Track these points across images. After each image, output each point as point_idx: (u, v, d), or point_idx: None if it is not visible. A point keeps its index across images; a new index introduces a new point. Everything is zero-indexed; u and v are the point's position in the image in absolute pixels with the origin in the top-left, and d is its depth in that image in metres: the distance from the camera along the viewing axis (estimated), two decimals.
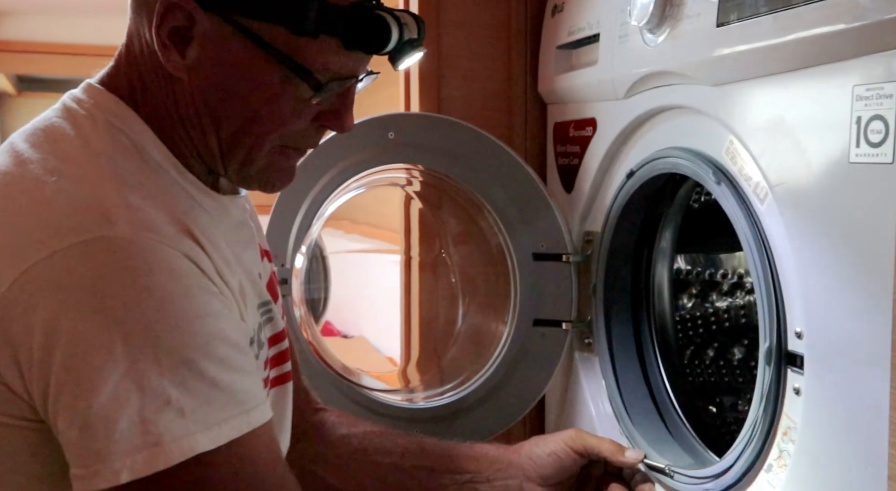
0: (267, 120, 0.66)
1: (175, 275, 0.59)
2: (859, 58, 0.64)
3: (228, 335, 0.61)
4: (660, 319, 1.12)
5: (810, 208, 0.71)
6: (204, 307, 0.60)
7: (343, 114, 0.69)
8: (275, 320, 0.76)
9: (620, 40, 0.98)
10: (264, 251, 0.81)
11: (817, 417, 0.72)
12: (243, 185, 0.72)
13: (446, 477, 0.91)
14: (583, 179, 1.11)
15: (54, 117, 0.65)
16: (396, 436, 0.93)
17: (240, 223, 0.74)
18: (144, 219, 0.59)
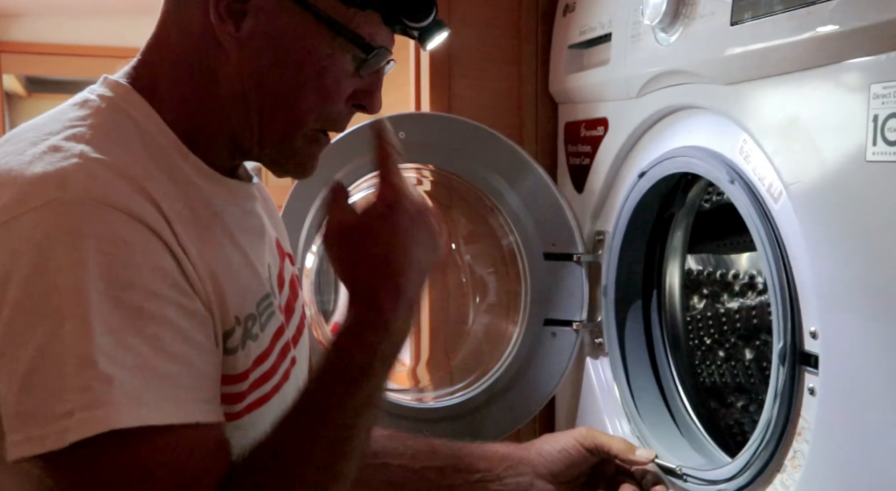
0: (312, 93, 0.65)
1: (119, 241, 0.56)
2: (876, 55, 0.64)
3: (168, 317, 0.58)
4: (671, 320, 1.12)
5: (826, 207, 0.71)
6: (145, 280, 0.57)
7: (375, 93, 0.69)
8: (276, 315, 0.73)
9: (633, 39, 0.98)
10: (287, 253, 0.80)
11: (832, 418, 0.72)
12: (276, 168, 0.70)
13: (457, 477, 0.90)
14: (594, 179, 1.11)
15: (67, 104, 0.66)
16: (406, 438, 0.93)
17: (247, 211, 0.73)
18: (100, 186, 0.57)
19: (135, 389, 0.55)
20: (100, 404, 0.53)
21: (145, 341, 0.56)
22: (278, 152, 0.68)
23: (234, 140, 0.68)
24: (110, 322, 0.55)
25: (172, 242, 0.59)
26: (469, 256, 1.25)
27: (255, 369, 0.68)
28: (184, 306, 0.59)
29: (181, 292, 0.59)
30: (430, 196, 1.24)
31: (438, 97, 1.20)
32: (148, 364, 0.56)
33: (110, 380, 0.54)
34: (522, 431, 1.18)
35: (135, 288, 0.56)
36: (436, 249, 0.68)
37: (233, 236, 0.68)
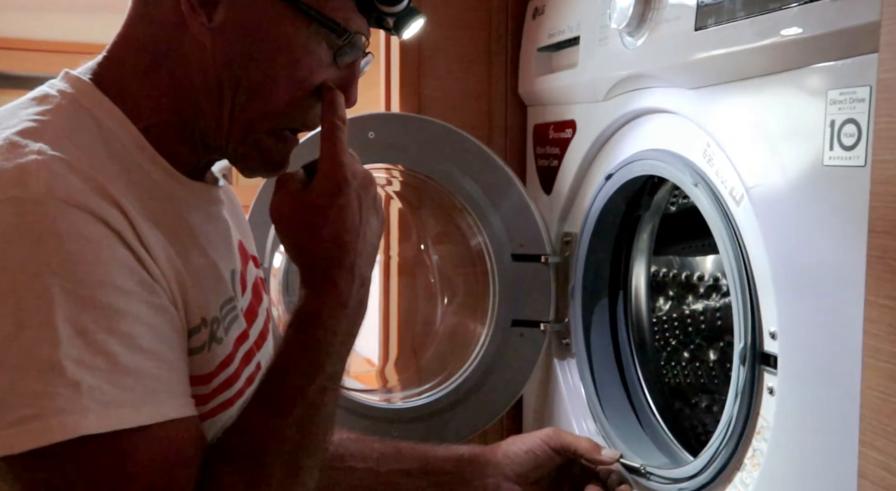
0: (285, 84, 0.64)
1: (83, 240, 0.55)
2: (833, 62, 0.66)
3: (139, 312, 0.56)
4: (637, 321, 1.13)
5: (785, 210, 0.72)
6: (112, 278, 0.55)
7: (351, 86, 0.68)
8: (239, 320, 0.73)
9: (600, 43, 0.99)
10: (251, 256, 0.79)
11: (790, 416, 0.73)
12: (243, 165, 0.69)
13: (423, 480, 0.91)
14: (562, 181, 1.12)
15: (26, 98, 0.65)
16: (372, 441, 0.93)
17: (212, 214, 0.72)
18: (60, 183, 0.56)
19: (107, 391, 0.53)
20: (70, 410, 0.52)
21: (119, 340, 0.55)
22: (245, 146, 0.67)
23: (203, 136, 0.67)
24: (80, 323, 0.53)
25: (135, 242, 0.58)
26: (437, 257, 1.25)
27: (219, 373, 0.68)
28: (152, 303, 0.58)
29: (149, 289, 0.58)
30: (399, 196, 1.24)
31: (408, 97, 1.20)
32: (122, 363, 0.54)
33: (78, 385, 0.52)
34: (490, 432, 1.19)
35: (104, 286, 0.55)
36: (382, 223, 0.69)
37: (196, 239, 0.67)
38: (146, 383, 0.56)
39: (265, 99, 0.65)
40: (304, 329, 0.63)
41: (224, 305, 0.69)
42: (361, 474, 0.90)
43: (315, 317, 0.63)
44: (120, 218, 0.58)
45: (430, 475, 0.91)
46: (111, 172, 0.60)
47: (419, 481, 0.91)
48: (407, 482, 0.91)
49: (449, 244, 1.23)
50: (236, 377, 0.70)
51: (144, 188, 0.63)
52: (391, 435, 1.10)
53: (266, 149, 0.68)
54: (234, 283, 0.73)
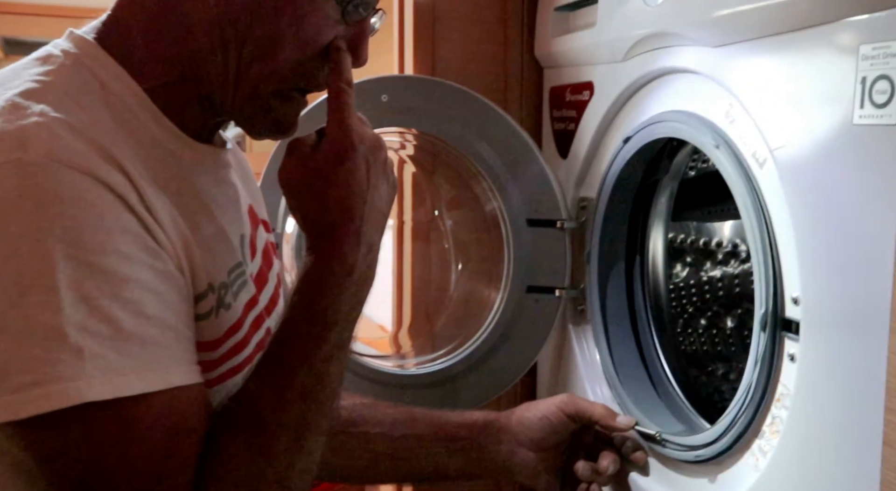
0: (293, 41, 0.62)
1: (86, 205, 0.54)
2: (865, 15, 0.63)
3: (144, 279, 0.56)
4: (653, 287, 1.11)
5: (811, 172, 0.70)
6: (116, 244, 0.54)
7: (360, 44, 0.66)
8: (248, 285, 0.71)
9: (620, 1, 0.96)
10: (262, 220, 0.78)
11: (812, 384, 0.72)
12: (250, 126, 0.67)
13: (437, 445, 0.90)
14: (578, 145, 1.10)
15: (30, 58, 0.63)
16: (385, 406, 0.92)
17: (220, 178, 0.70)
18: (62, 146, 0.54)
19: (111, 358, 0.53)
20: (72, 377, 0.51)
21: (123, 306, 0.54)
22: (252, 107, 0.65)
23: (210, 97, 0.66)
24: (83, 289, 0.52)
25: (139, 207, 0.57)
26: (452, 222, 1.24)
27: (227, 339, 0.67)
28: (157, 269, 0.57)
29: (153, 255, 0.57)
30: (412, 160, 1.22)
31: (422, 60, 1.18)
32: (126, 330, 0.54)
33: (81, 352, 0.52)
34: (504, 398, 1.18)
35: (107, 252, 0.54)
36: (394, 188, 0.68)
37: (203, 203, 0.65)
38: (150, 350, 0.55)
39: (271, 58, 0.63)
40: (309, 296, 0.62)
41: (232, 271, 0.68)
42: (374, 439, 0.90)
43: (320, 283, 0.62)
44: (124, 182, 0.57)
45: (443, 441, 0.90)
46: (115, 135, 0.59)
47: (433, 447, 0.90)
48: (420, 447, 0.90)
49: (463, 209, 1.22)
50: (245, 343, 0.69)
51: (150, 151, 0.61)
52: (404, 401, 1.10)
53: (273, 110, 0.66)
54: (243, 248, 0.71)
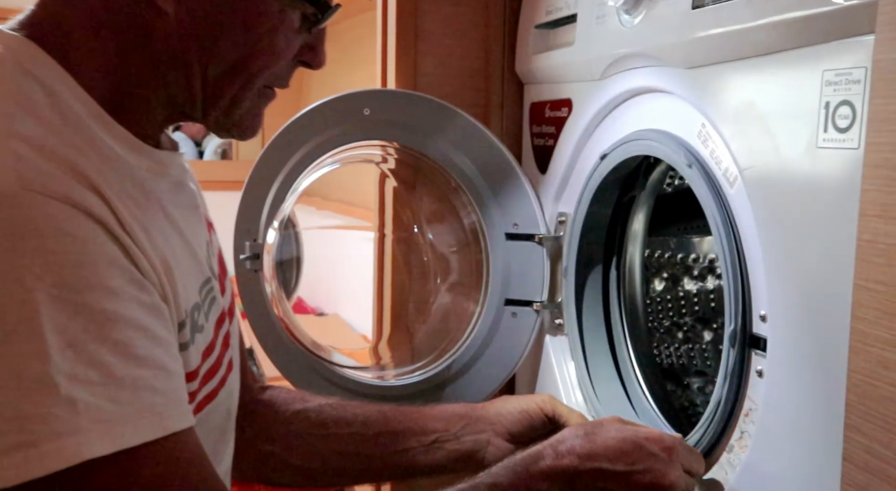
0: (263, 54, 0.61)
1: (67, 237, 0.49)
2: (829, 43, 0.65)
3: (132, 317, 0.51)
4: (630, 302, 1.13)
5: (777, 192, 0.72)
6: (102, 279, 0.50)
7: (319, 47, 0.67)
8: (218, 300, 0.68)
9: (597, 20, 0.98)
10: (209, 222, 0.75)
11: (778, 399, 0.73)
12: (220, 132, 0.66)
13: (412, 439, 0.88)
14: (557, 160, 1.11)
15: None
16: (354, 406, 0.91)
17: (179, 184, 0.67)
18: (33, 171, 0.49)
19: (105, 408, 0.49)
20: (68, 433, 0.47)
21: (112, 348, 0.50)
22: (226, 116, 0.64)
23: (173, 104, 0.63)
24: (69, 333, 0.48)
25: (118, 231, 0.53)
26: (432, 235, 1.25)
27: (203, 365, 0.64)
28: (144, 303, 0.53)
29: (139, 287, 0.53)
30: (393, 174, 1.23)
31: (404, 74, 1.19)
32: (117, 375, 0.50)
33: (74, 404, 0.47)
34: None
35: (93, 289, 0.49)
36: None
37: (169, 215, 0.62)
38: (144, 395, 0.51)
39: (242, 72, 0.61)
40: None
41: (203, 287, 0.65)
42: (347, 440, 0.88)
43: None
44: (100, 204, 0.52)
45: (418, 435, 0.89)
46: (77, 149, 0.54)
47: (408, 442, 0.88)
48: (395, 444, 0.88)
49: (443, 222, 1.23)
50: (218, 365, 0.67)
51: (111, 164, 0.56)
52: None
53: (245, 112, 0.65)
54: (210, 259, 0.69)
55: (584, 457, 0.71)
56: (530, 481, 0.70)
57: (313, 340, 1.17)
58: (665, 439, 0.74)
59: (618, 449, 0.72)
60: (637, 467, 0.71)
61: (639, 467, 0.71)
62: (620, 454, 0.72)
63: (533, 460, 0.72)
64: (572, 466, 0.71)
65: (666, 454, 0.73)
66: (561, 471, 0.71)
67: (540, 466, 0.71)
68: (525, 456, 0.73)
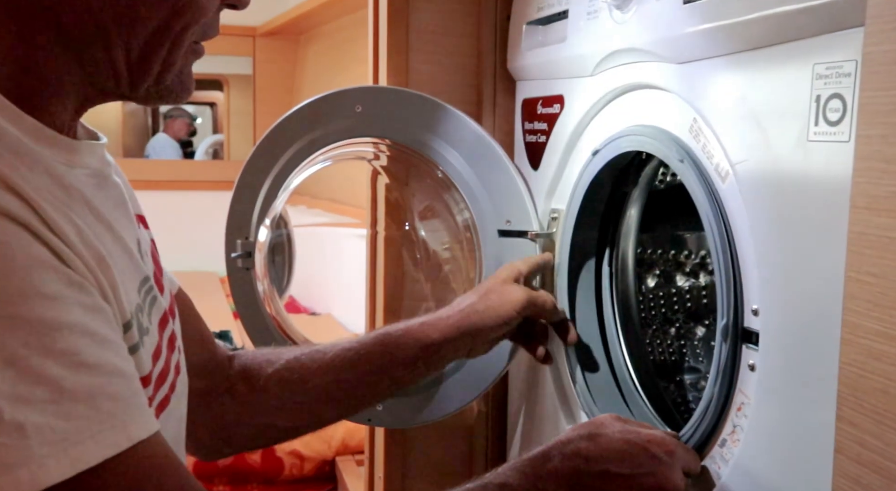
0: (187, 10, 0.56)
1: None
2: (820, 36, 0.65)
3: (76, 321, 0.47)
4: (623, 298, 1.13)
5: (769, 186, 0.72)
6: (35, 285, 0.45)
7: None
8: (158, 300, 0.64)
9: (589, 17, 0.98)
10: (139, 217, 0.70)
11: (770, 393, 0.73)
12: (150, 101, 0.61)
13: (397, 369, 0.91)
14: (550, 157, 1.11)
15: None
16: (323, 353, 0.90)
17: (101, 175, 0.61)
18: None
19: (58, 428, 0.44)
20: (19, 462, 0.42)
21: (58, 360, 0.45)
22: (158, 83, 0.59)
23: (91, 84, 0.57)
24: (7, 350, 0.43)
25: (45, 232, 0.48)
26: (424, 232, 1.25)
27: (153, 370, 0.60)
28: (85, 305, 0.49)
29: (78, 289, 0.49)
30: (385, 171, 1.23)
31: (396, 71, 1.19)
32: (68, 388, 0.45)
33: (23, 428, 0.43)
34: (476, 405, 1.19)
35: (27, 297, 0.45)
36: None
37: (95, 210, 0.56)
38: (101, 405, 0.46)
39: (168, 32, 0.56)
40: None
41: (141, 286, 0.61)
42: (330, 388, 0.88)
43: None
44: (19, 205, 0.47)
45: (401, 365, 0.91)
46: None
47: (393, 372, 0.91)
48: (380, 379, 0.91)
49: (436, 219, 1.23)
50: (167, 370, 0.63)
51: (25, 160, 0.50)
52: (376, 409, 1.10)
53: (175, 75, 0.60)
54: (141, 256, 0.65)
55: (591, 459, 0.73)
56: (538, 482, 0.71)
57: (305, 338, 1.17)
58: (667, 442, 0.76)
59: (623, 452, 0.74)
60: (642, 470, 0.74)
61: (643, 470, 0.74)
62: (626, 457, 0.74)
63: (540, 462, 0.73)
64: (579, 468, 0.73)
65: (668, 457, 0.75)
66: (568, 473, 0.72)
67: (547, 468, 0.73)
68: (533, 457, 0.74)
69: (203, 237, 2.75)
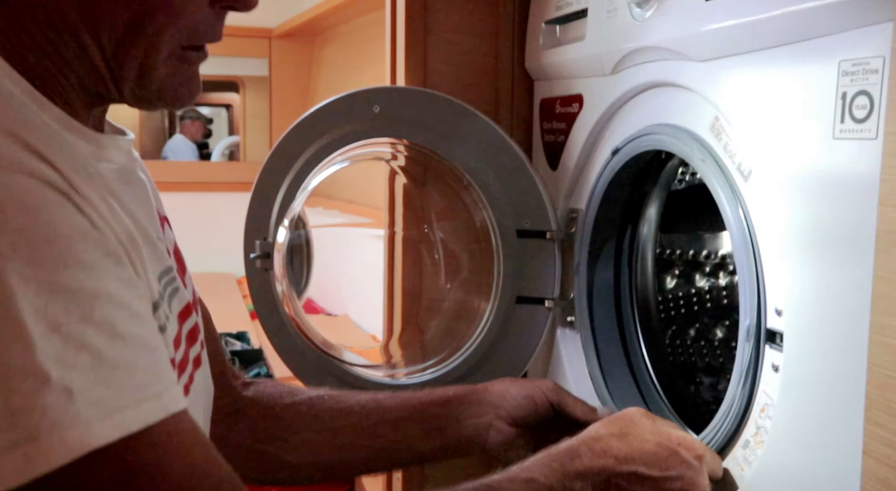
0: (159, 13, 0.54)
1: (33, 211, 0.45)
2: (845, 33, 0.64)
3: (113, 293, 0.47)
4: (642, 298, 1.12)
5: (793, 185, 0.71)
6: (76, 253, 0.46)
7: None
8: (181, 292, 0.64)
9: (608, 15, 0.97)
10: (162, 217, 0.70)
11: (795, 394, 0.72)
12: (145, 106, 0.60)
13: (411, 427, 0.86)
14: (568, 157, 1.11)
15: None
16: (347, 396, 0.87)
17: (126, 170, 0.62)
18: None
19: (102, 394, 0.45)
20: (69, 424, 0.43)
21: (98, 329, 0.46)
22: (141, 88, 0.57)
23: (84, 86, 0.57)
24: (51, 315, 0.44)
25: (84, 205, 0.49)
26: (442, 233, 1.24)
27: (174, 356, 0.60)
28: (121, 277, 0.50)
29: (115, 260, 0.50)
30: (403, 171, 1.23)
31: (414, 71, 1.19)
32: (108, 356, 0.46)
33: (70, 391, 0.44)
34: None
35: (69, 265, 0.46)
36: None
37: (120, 200, 0.56)
38: (136, 376, 0.47)
39: (140, 34, 0.54)
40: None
41: (162, 276, 0.61)
42: (343, 433, 0.85)
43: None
44: (57, 177, 0.48)
45: (418, 422, 0.86)
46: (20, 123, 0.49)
47: (408, 429, 0.86)
48: (394, 433, 0.85)
49: (454, 220, 1.22)
50: (186, 360, 0.63)
51: (56, 141, 0.51)
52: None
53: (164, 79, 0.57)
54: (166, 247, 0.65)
55: (622, 460, 0.72)
56: (565, 479, 0.69)
57: (324, 338, 1.17)
58: (696, 446, 0.75)
59: (654, 453, 0.73)
60: (671, 474, 0.73)
61: (672, 474, 0.72)
62: (656, 460, 0.73)
63: (569, 458, 0.71)
64: (609, 467, 0.71)
65: (697, 461, 0.74)
66: (597, 471, 0.71)
67: (576, 465, 0.71)
68: (561, 452, 0.72)
69: (219, 238, 2.76)
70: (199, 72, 0.60)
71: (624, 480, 0.71)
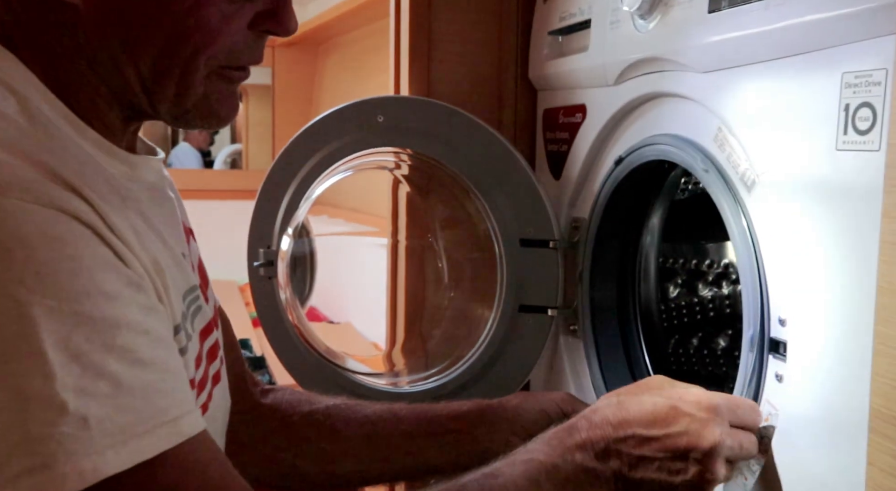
0: (193, 35, 0.55)
1: (57, 243, 0.46)
2: (849, 45, 0.64)
3: (133, 320, 0.49)
4: (645, 307, 1.12)
5: (796, 196, 0.71)
6: (98, 284, 0.48)
7: (281, 11, 0.59)
8: (203, 309, 0.65)
9: (612, 26, 0.98)
10: (188, 229, 0.72)
11: (798, 403, 0.73)
12: (182, 124, 0.62)
13: (427, 440, 0.85)
14: (571, 166, 1.11)
15: None
16: (363, 406, 0.88)
17: (156, 190, 0.63)
18: (10, 176, 0.46)
19: (118, 421, 0.46)
20: (83, 452, 0.45)
21: (118, 356, 0.48)
22: (177, 105, 0.59)
23: (121, 103, 0.58)
24: (72, 345, 0.46)
25: (109, 235, 0.50)
26: (445, 241, 1.25)
27: (196, 374, 0.62)
28: (143, 305, 0.51)
29: (137, 289, 0.51)
30: (407, 180, 1.24)
31: (418, 80, 1.19)
32: (126, 383, 0.47)
33: (86, 419, 0.45)
34: None
35: (91, 295, 0.47)
36: None
37: (149, 221, 0.58)
38: (155, 402, 0.49)
39: (176, 57, 0.55)
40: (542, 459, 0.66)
41: (187, 295, 0.62)
42: (358, 442, 0.85)
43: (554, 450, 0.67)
44: (86, 208, 0.49)
45: (433, 436, 0.85)
46: (53, 152, 0.51)
47: (422, 443, 0.85)
48: (409, 445, 0.85)
49: (457, 229, 1.23)
50: (206, 378, 0.64)
51: (89, 167, 0.53)
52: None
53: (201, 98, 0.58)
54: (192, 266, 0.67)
55: (617, 425, 0.68)
56: (566, 453, 0.67)
57: (327, 346, 1.17)
58: (703, 399, 0.69)
59: (651, 413, 0.68)
60: (672, 430, 0.66)
61: (674, 430, 0.66)
62: (654, 419, 0.67)
63: (568, 433, 0.69)
64: (607, 435, 0.68)
65: (706, 413, 0.67)
66: (596, 440, 0.68)
67: (575, 439, 0.68)
68: (560, 430, 0.70)
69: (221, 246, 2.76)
70: (237, 91, 0.61)
71: (624, 444, 0.67)
